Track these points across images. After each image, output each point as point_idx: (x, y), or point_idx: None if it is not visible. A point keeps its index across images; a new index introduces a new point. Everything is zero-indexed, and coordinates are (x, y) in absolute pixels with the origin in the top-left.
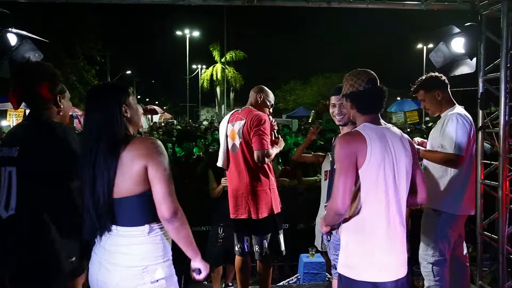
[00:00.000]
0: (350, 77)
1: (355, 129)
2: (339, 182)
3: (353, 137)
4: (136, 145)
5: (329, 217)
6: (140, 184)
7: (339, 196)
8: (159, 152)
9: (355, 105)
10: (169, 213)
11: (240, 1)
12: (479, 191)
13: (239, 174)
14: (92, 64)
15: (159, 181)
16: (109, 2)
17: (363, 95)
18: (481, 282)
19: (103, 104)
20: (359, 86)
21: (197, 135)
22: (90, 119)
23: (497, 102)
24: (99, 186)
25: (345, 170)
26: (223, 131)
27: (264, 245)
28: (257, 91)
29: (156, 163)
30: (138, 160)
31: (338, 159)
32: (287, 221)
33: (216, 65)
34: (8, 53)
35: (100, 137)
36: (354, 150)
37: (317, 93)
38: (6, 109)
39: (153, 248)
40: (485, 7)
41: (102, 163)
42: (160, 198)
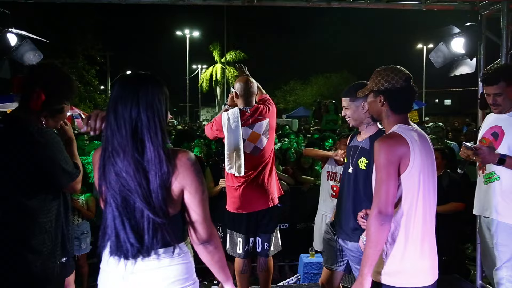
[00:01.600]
0: (386, 72)
1: (394, 131)
2: (381, 190)
3: (396, 141)
4: (176, 160)
5: (374, 228)
6: (172, 205)
7: (384, 204)
8: (197, 171)
9: (389, 102)
10: (205, 238)
11: (240, 1)
12: None
13: (262, 171)
14: (92, 64)
15: (197, 205)
16: (109, 2)
17: (401, 93)
18: (481, 282)
19: (155, 95)
20: (396, 83)
21: (196, 135)
22: (128, 112)
23: None
24: (155, 198)
25: (389, 176)
26: (239, 138)
27: (272, 242)
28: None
29: (195, 185)
30: (174, 178)
31: (380, 164)
32: (287, 221)
33: (216, 65)
34: (8, 53)
35: (146, 138)
36: (398, 155)
37: (317, 93)
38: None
39: (184, 270)
40: (485, 7)
41: (153, 168)
42: (197, 222)
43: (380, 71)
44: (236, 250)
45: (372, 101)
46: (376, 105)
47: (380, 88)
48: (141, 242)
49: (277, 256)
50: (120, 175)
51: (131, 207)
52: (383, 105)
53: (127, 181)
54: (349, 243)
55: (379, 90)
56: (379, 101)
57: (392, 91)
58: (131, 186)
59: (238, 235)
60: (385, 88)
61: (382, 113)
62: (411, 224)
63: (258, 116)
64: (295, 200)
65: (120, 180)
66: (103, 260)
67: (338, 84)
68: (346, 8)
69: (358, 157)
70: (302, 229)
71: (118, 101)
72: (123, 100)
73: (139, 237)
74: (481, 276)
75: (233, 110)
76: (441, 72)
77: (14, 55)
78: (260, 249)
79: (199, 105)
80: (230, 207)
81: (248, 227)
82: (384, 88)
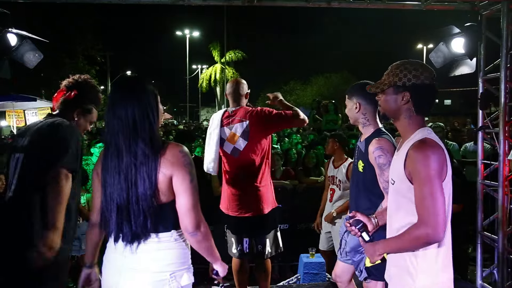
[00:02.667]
0: (414, 66)
1: (426, 137)
2: (432, 203)
3: (436, 150)
4: (166, 151)
5: (413, 243)
6: (165, 194)
7: (434, 226)
8: (187, 162)
9: (415, 101)
10: (191, 227)
11: (240, 1)
12: (479, 191)
13: (244, 176)
14: (92, 64)
15: (183, 193)
16: (109, 2)
17: (429, 91)
18: (481, 282)
19: (142, 95)
20: (425, 79)
21: (196, 135)
22: (124, 112)
23: (497, 102)
24: (143, 193)
25: (438, 188)
26: (216, 136)
27: (266, 243)
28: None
29: (182, 174)
30: (163, 167)
31: (427, 177)
32: (287, 221)
33: (216, 65)
34: (8, 53)
35: (137, 133)
36: (441, 164)
37: (317, 93)
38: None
39: (180, 254)
40: (485, 7)
41: (146, 166)
42: (183, 211)
43: (405, 65)
44: (231, 249)
45: (392, 98)
46: (396, 103)
47: (407, 84)
48: (135, 227)
49: (277, 256)
50: (115, 166)
51: (124, 196)
52: (407, 103)
53: (120, 172)
54: (350, 236)
55: (404, 86)
56: (401, 98)
57: (421, 88)
58: (123, 176)
59: (231, 234)
60: (412, 83)
61: (401, 113)
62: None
63: (239, 117)
64: (295, 200)
65: (114, 171)
66: (107, 248)
67: (338, 84)
68: (346, 8)
69: (357, 159)
70: (302, 229)
71: (113, 104)
72: (117, 102)
73: (133, 222)
74: (481, 276)
75: (219, 111)
76: (441, 72)
77: (14, 55)
78: (255, 250)
79: (199, 105)
80: (221, 205)
81: (238, 227)
82: (411, 84)
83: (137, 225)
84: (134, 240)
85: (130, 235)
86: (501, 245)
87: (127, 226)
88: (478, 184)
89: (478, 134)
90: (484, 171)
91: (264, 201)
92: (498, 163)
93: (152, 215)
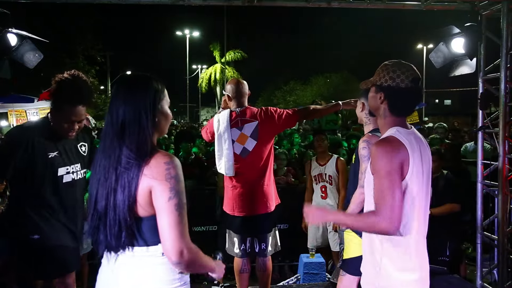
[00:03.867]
0: (393, 68)
1: (391, 135)
2: (388, 197)
3: (394, 146)
4: (151, 160)
5: (368, 228)
6: (147, 206)
7: (389, 218)
8: (170, 175)
9: (388, 102)
10: (173, 254)
11: (240, 1)
12: (479, 191)
13: (252, 175)
14: (92, 64)
15: (161, 211)
16: (109, 2)
17: (404, 95)
18: (481, 282)
19: (137, 96)
20: (401, 82)
21: (195, 135)
22: (115, 112)
23: (497, 102)
24: (121, 201)
25: (395, 183)
26: (227, 137)
27: (268, 242)
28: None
29: (161, 189)
30: (144, 177)
31: (382, 171)
32: (287, 221)
33: (216, 65)
34: (8, 53)
35: (123, 136)
36: (400, 161)
37: (317, 93)
38: (7, 110)
39: (169, 270)
40: (485, 7)
41: (127, 173)
42: (162, 231)
43: (388, 65)
44: (233, 249)
45: (373, 96)
46: (375, 101)
47: (383, 85)
48: (109, 237)
49: (277, 256)
50: (99, 171)
51: (103, 202)
52: (382, 102)
53: (102, 179)
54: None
55: (381, 86)
56: (379, 97)
57: (395, 90)
58: (104, 183)
59: (234, 234)
60: (387, 85)
61: (379, 111)
62: (409, 233)
63: (247, 118)
64: (295, 200)
65: (98, 176)
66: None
67: (338, 84)
68: (346, 8)
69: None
70: (302, 229)
71: (110, 103)
72: (111, 101)
73: (108, 232)
74: (481, 276)
75: (223, 112)
76: (441, 72)
77: (14, 55)
78: (258, 249)
79: (199, 105)
80: (226, 207)
81: (243, 227)
82: (386, 86)
83: (111, 235)
84: (109, 251)
85: (104, 245)
86: (501, 245)
87: (102, 234)
88: (478, 184)
89: (478, 134)
90: (484, 171)
91: (270, 199)
92: (498, 163)
93: (129, 227)
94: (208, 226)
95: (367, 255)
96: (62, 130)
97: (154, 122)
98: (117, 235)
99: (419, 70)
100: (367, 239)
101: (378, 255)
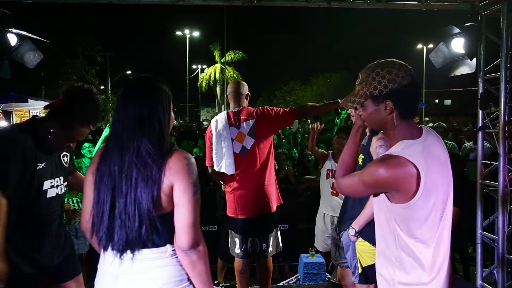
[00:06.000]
0: (386, 68)
1: (399, 155)
2: (354, 183)
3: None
4: (172, 156)
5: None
6: (163, 203)
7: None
8: (191, 171)
9: (398, 107)
10: (188, 244)
11: (240, 1)
12: (479, 191)
13: (254, 174)
14: (92, 64)
15: (184, 205)
16: (109, 2)
17: (409, 92)
18: (481, 282)
19: (155, 93)
20: (402, 80)
21: (197, 135)
22: (132, 109)
23: (497, 102)
24: (143, 197)
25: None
26: (226, 136)
27: (270, 242)
28: (242, 88)
29: (185, 183)
30: (166, 173)
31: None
32: (287, 221)
33: (216, 65)
34: (8, 53)
35: (142, 130)
36: (395, 183)
37: (317, 94)
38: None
39: (176, 272)
40: (485, 7)
41: (151, 170)
42: (181, 226)
43: (375, 69)
44: (234, 250)
45: (374, 110)
46: (379, 114)
47: (384, 91)
48: (127, 234)
49: (277, 257)
50: (113, 168)
51: (121, 199)
52: (391, 113)
53: (118, 175)
54: (342, 233)
55: (382, 94)
56: (384, 108)
57: (400, 91)
58: (121, 180)
59: (235, 235)
60: (390, 89)
61: (387, 123)
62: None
63: (244, 116)
64: (295, 200)
65: (112, 173)
66: (100, 259)
67: (338, 84)
68: (346, 8)
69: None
70: (302, 229)
71: (122, 100)
72: (126, 98)
73: (127, 228)
74: (481, 276)
75: (221, 112)
76: (441, 72)
77: (14, 55)
78: (259, 250)
79: (199, 105)
80: (228, 211)
81: (245, 227)
82: (389, 90)
83: (131, 232)
84: (126, 250)
85: (122, 243)
86: (501, 245)
87: (119, 232)
88: (478, 184)
89: (478, 134)
90: (484, 171)
91: (272, 199)
92: (498, 163)
93: (148, 224)
94: (208, 226)
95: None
96: (57, 145)
97: (170, 121)
98: (138, 231)
99: (419, 70)
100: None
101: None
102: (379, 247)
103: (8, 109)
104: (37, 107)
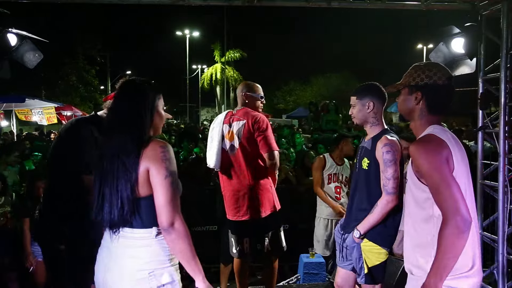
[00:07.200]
0: (428, 67)
1: (430, 133)
2: (450, 194)
3: (436, 143)
4: (148, 146)
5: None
6: (143, 187)
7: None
8: (165, 157)
9: (427, 100)
10: (165, 223)
11: (240, 1)
12: (479, 191)
13: (240, 175)
14: (92, 64)
15: (159, 187)
16: (109, 2)
17: (442, 91)
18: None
19: (139, 96)
20: (438, 79)
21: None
22: (120, 109)
23: (497, 102)
24: (123, 183)
25: (446, 178)
26: (218, 132)
27: (265, 242)
28: (240, 90)
29: (158, 168)
30: (142, 161)
31: (432, 170)
32: (287, 221)
33: (216, 65)
34: (8, 53)
35: (128, 127)
36: (445, 157)
37: (317, 94)
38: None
39: (160, 252)
40: (485, 7)
41: (128, 159)
42: (158, 205)
43: (420, 66)
44: (232, 250)
45: (406, 99)
46: (410, 103)
47: (419, 83)
48: (112, 214)
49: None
50: (106, 156)
51: (109, 184)
52: (419, 103)
53: (108, 162)
54: (346, 235)
55: (417, 86)
56: (414, 98)
57: (433, 87)
58: (109, 166)
59: (231, 234)
60: (424, 83)
61: (415, 113)
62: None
63: (238, 116)
64: (295, 200)
65: (105, 160)
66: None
67: (338, 84)
68: (346, 8)
69: (362, 157)
70: (302, 229)
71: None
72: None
73: (113, 208)
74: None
75: (224, 111)
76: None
77: (14, 55)
78: (253, 250)
79: (199, 105)
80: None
81: (236, 229)
82: (423, 84)
83: (114, 213)
84: (113, 228)
85: (110, 222)
86: (501, 245)
87: (106, 213)
88: (478, 184)
89: (478, 134)
90: (484, 171)
91: (261, 205)
92: (498, 163)
93: (130, 205)
94: (208, 226)
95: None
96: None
97: (152, 119)
98: (120, 212)
99: None
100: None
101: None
102: (411, 242)
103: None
104: (38, 107)
